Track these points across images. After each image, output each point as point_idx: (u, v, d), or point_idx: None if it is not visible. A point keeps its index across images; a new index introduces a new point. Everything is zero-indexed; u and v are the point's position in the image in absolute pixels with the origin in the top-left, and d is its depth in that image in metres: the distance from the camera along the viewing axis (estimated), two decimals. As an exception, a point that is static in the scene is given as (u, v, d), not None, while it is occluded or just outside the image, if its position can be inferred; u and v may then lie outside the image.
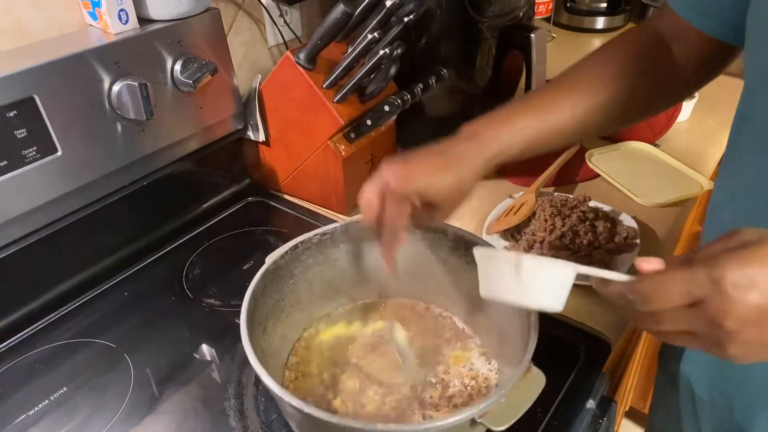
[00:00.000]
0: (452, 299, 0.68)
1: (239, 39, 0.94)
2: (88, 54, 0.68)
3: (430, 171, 0.53)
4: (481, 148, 0.55)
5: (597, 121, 0.59)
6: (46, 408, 0.63)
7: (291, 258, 0.62)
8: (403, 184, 0.52)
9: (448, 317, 0.69)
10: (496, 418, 0.46)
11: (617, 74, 0.59)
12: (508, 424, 0.46)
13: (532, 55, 0.92)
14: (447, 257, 0.66)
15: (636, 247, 0.78)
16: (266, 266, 0.59)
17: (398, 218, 0.53)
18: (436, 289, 0.69)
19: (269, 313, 0.60)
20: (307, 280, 0.65)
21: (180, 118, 0.81)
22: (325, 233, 0.64)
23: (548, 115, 0.57)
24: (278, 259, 0.61)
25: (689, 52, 0.58)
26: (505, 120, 0.57)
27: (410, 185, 0.52)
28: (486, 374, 0.62)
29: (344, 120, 0.83)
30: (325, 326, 0.68)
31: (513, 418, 0.47)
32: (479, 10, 0.87)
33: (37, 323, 0.73)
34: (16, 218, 0.68)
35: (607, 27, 1.57)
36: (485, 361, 0.63)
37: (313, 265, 0.65)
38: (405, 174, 0.52)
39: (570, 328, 0.68)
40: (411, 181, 0.52)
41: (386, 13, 0.76)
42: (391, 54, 0.78)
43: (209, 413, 0.61)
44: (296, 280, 0.64)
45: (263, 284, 0.58)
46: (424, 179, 0.52)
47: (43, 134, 0.66)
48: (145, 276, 0.82)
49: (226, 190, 0.96)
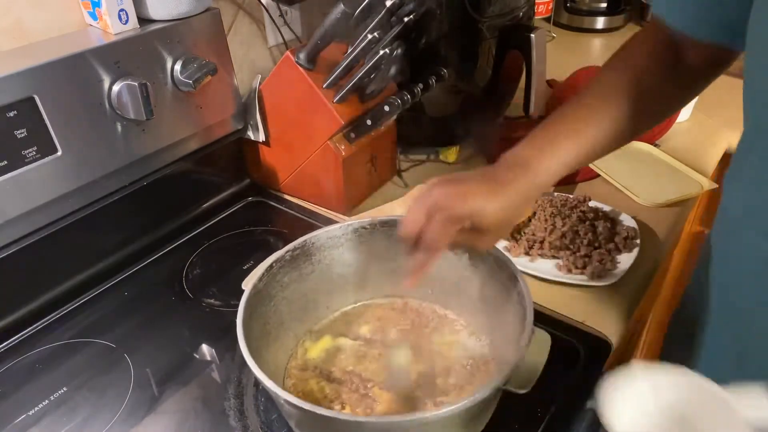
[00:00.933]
0: (427, 288, 0.68)
1: (239, 39, 0.94)
2: (88, 54, 0.68)
3: (483, 194, 0.51)
4: (533, 175, 0.54)
5: (624, 132, 0.59)
6: (46, 408, 0.63)
7: (268, 279, 0.60)
8: (457, 204, 0.51)
9: (428, 307, 0.69)
10: (519, 382, 0.49)
11: (633, 78, 0.59)
12: (531, 385, 0.49)
13: (532, 55, 0.92)
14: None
15: (636, 247, 0.78)
16: (247, 293, 0.57)
17: (442, 238, 0.52)
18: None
19: (259, 339, 0.58)
20: (287, 299, 0.64)
21: (180, 118, 0.81)
22: (295, 248, 0.63)
23: (585, 134, 0.57)
24: (257, 283, 0.59)
25: (692, 56, 0.58)
26: (549, 143, 0.56)
27: (465, 206, 0.51)
28: (480, 351, 0.63)
29: (344, 120, 0.83)
30: (312, 343, 0.67)
31: (534, 378, 0.50)
32: (479, 10, 0.87)
33: (37, 323, 0.73)
34: (16, 218, 0.68)
35: (607, 27, 1.57)
36: (476, 340, 0.64)
37: (289, 283, 0.63)
38: (459, 193, 0.51)
39: (570, 328, 0.68)
40: (466, 201, 0.51)
41: (386, 13, 0.76)
42: (391, 54, 0.78)
43: (209, 413, 0.61)
44: (276, 302, 0.62)
45: (249, 312, 0.56)
46: (478, 201, 0.51)
47: (43, 134, 0.66)
48: (145, 276, 0.82)
49: (226, 190, 0.96)
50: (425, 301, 0.70)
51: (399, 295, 0.71)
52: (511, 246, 0.81)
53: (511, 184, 0.53)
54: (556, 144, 0.56)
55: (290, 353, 0.65)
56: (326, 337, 0.67)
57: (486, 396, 0.47)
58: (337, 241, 0.66)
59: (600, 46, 1.53)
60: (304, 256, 0.65)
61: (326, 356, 0.65)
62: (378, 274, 0.69)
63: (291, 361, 0.65)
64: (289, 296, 0.64)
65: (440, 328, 0.67)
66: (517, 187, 0.53)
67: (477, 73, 0.96)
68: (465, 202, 0.51)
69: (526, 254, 0.79)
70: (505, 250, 0.80)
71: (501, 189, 0.52)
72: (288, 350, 0.65)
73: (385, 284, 0.70)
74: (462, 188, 0.52)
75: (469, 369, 0.61)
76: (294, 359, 0.65)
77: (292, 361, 0.65)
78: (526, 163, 0.54)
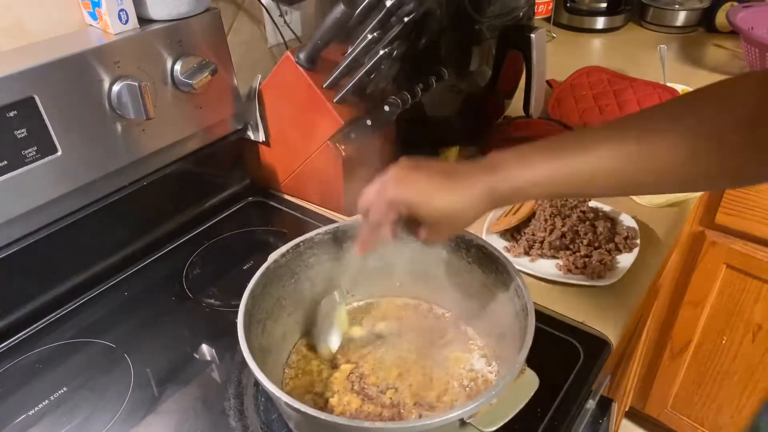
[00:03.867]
0: (455, 300, 0.68)
1: (239, 39, 0.94)
2: (88, 54, 0.68)
3: (431, 186, 0.50)
4: (493, 180, 0.49)
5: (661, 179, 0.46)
6: (46, 408, 0.63)
7: (293, 257, 0.62)
8: (398, 191, 0.51)
9: (451, 319, 0.69)
10: (487, 420, 0.46)
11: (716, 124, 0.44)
12: (498, 425, 0.46)
13: (532, 55, 0.92)
14: (449, 257, 0.65)
15: (636, 247, 0.78)
16: (267, 264, 0.60)
17: (381, 219, 0.53)
18: (439, 289, 0.69)
19: (269, 311, 0.60)
20: (310, 279, 0.66)
21: (180, 118, 0.81)
22: (327, 232, 0.65)
23: (578, 158, 0.47)
24: (279, 258, 0.61)
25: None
26: (526, 158, 0.49)
27: (401, 194, 0.51)
28: (486, 376, 0.62)
29: (344, 120, 0.83)
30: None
31: (503, 420, 0.46)
32: (479, 10, 0.87)
33: (37, 323, 0.73)
34: (16, 218, 0.68)
35: (607, 27, 1.57)
36: (486, 363, 0.63)
37: (314, 264, 0.65)
38: (406, 180, 0.51)
39: (570, 328, 0.68)
40: (405, 189, 0.51)
41: (386, 13, 0.76)
42: (391, 54, 0.78)
43: (209, 413, 0.61)
44: (298, 279, 0.64)
45: (263, 283, 0.59)
46: (423, 193, 0.50)
47: (43, 134, 0.66)
48: (145, 276, 0.82)
49: (226, 190, 0.96)
50: (450, 312, 0.70)
51: (425, 298, 0.71)
52: (511, 246, 0.81)
53: (467, 182, 0.50)
54: (533, 158, 0.49)
55: (304, 331, 0.67)
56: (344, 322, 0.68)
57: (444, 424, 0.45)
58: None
59: (600, 46, 1.53)
60: (334, 241, 0.66)
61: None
62: (408, 273, 0.69)
63: (303, 338, 0.67)
64: (314, 277, 0.66)
65: (454, 342, 0.66)
66: (472, 188, 0.49)
67: (477, 73, 0.96)
68: (406, 189, 0.51)
69: (526, 254, 0.79)
70: (504, 250, 0.80)
71: (454, 185, 0.50)
72: (302, 327, 0.67)
73: (414, 285, 0.70)
74: (413, 175, 0.51)
75: (467, 390, 0.60)
76: (306, 338, 0.67)
77: (304, 339, 0.67)
78: (492, 166, 0.50)
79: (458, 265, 0.65)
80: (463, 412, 0.45)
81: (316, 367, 0.64)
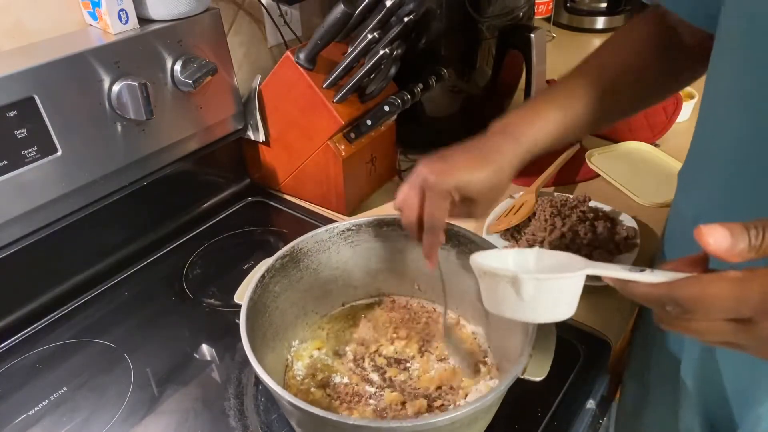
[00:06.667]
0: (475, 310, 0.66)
1: (239, 39, 0.94)
2: (88, 54, 0.68)
3: (467, 166, 0.54)
4: (516, 142, 0.56)
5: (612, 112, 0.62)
6: (46, 408, 0.63)
7: (261, 291, 0.59)
8: (442, 179, 0.53)
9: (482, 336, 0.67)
10: (534, 371, 0.50)
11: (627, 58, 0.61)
12: (546, 371, 0.50)
13: (532, 55, 0.92)
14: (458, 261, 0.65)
15: (636, 247, 0.78)
16: (245, 306, 0.55)
17: (439, 214, 0.54)
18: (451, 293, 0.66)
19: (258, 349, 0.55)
20: (279, 309, 0.62)
21: (180, 118, 0.81)
22: (284, 255, 0.62)
23: (573, 109, 0.59)
24: (252, 295, 0.57)
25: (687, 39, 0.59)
26: (535, 113, 0.58)
27: (450, 180, 0.53)
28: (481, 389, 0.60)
29: (344, 120, 0.83)
30: (306, 348, 0.66)
31: (547, 366, 0.50)
32: (479, 10, 0.88)
33: (37, 323, 0.73)
34: (16, 218, 0.68)
35: (607, 27, 1.57)
36: (489, 379, 0.62)
37: (280, 292, 0.62)
38: (443, 169, 0.53)
39: (570, 328, 0.68)
40: (451, 175, 0.53)
41: (386, 13, 0.76)
42: (391, 54, 0.78)
43: (209, 413, 0.61)
44: (270, 312, 0.61)
45: (250, 324, 0.55)
46: (463, 174, 0.53)
47: (43, 134, 0.66)
48: (145, 276, 0.82)
49: (226, 190, 0.96)
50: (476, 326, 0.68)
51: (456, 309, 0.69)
52: (511, 246, 0.81)
53: (494, 152, 0.55)
54: (542, 114, 0.58)
55: (284, 362, 0.64)
56: (317, 341, 0.67)
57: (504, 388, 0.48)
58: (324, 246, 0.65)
59: (600, 46, 1.53)
60: (292, 263, 0.63)
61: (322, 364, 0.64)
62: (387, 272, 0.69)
63: (287, 371, 0.64)
64: (282, 305, 0.63)
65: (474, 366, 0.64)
66: (500, 155, 0.55)
67: (477, 73, 0.96)
68: (451, 176, 0.53)
69: (526, 254, 0.79)
70: (504, 249, 0.80)
71: (484, 158, 0.55)
72: (283, 359, 0.64)
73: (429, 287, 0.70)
74: (446, 164, 0.54)
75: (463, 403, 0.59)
76: (289, 369, 0.64)
77: (288, 371, 0.64)
78: (509, 131, 0.57)
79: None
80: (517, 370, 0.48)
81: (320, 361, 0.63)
